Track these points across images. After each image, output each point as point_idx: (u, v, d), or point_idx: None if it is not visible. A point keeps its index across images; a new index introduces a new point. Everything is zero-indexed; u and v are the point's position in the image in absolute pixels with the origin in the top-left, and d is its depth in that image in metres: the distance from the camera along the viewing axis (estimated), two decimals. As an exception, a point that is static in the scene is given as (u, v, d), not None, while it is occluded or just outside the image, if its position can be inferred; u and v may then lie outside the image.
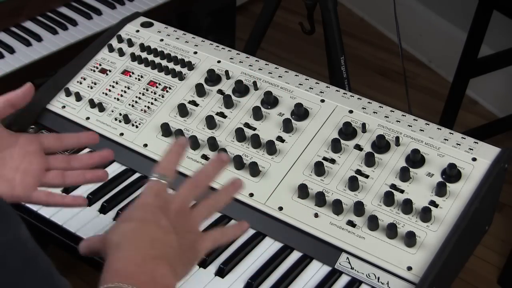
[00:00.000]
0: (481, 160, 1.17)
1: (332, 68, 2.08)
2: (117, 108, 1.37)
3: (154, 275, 0.83)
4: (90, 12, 1.96)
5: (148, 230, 0.88)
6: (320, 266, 1.12)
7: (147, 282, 0.82)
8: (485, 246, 2.32)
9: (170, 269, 0.86)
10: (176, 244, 0.89)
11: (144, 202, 0.92)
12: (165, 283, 0.84)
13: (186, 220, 0.93)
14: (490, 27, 2.31)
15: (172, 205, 0.93)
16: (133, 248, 0.86)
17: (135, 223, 0.89)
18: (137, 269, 0.83)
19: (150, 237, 0.88)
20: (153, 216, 0.90)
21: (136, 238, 0.87)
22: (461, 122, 2.62)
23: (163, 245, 0.88)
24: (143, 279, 0.82)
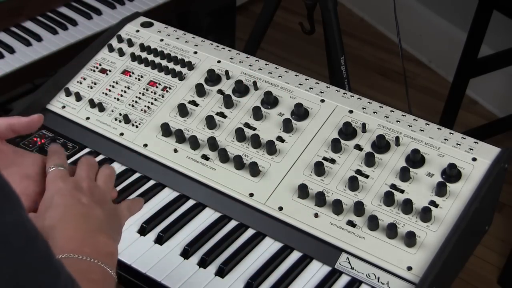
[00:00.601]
0: (481, 160, 1.17)
1: (332, 68, 2.08)
2: (117, 108, 1.37)
3: (96, 245, 0.89)
4: (90, 12, 1.96)
5: (75, 209, 0.93)
6: (320, 266, 1.12)
7: (93, 253, 0.87)
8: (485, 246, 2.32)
9: (108, 237, 0.92)
10: (102, 216, 0.94)
11: (57, 189, 0.96)
12: (108, 251, 0.90)
13: (99, 194, 0.98)
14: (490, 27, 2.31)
15: (82, 184, 0.98)
16: (70, 227, 0.91)
17: (60, 208, 0.93)
18: (80, 244, 0.88)
19: (80, 215, 0.93)
20: (72, 197, 0.95)
21: (68, 219, 0.92)
22: (461, 122, 2.62)
23: (94, 219, 0.93)
24: (88, 251, 0.87)
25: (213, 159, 1.25)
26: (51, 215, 0.92)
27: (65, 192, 0.95)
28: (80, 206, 0.94)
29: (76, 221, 0.92)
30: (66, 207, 0.93)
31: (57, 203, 0.93)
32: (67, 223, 0.91)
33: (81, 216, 0.93)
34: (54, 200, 0.94)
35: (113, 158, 1.31)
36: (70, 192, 0.95)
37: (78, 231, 0.91)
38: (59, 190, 0.96)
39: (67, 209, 0.93)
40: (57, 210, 0.92)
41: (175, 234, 1.17)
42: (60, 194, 0.95)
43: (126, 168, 1.29)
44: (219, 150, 1.25)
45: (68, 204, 0.94)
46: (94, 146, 1.33)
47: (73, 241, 0.89)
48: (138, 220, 1.19)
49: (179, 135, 1.29)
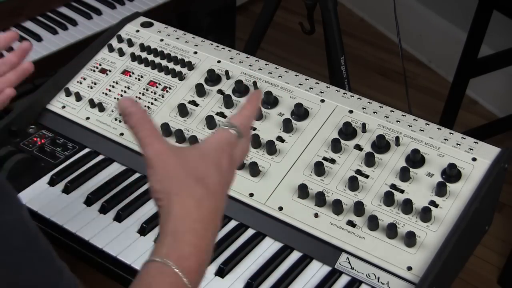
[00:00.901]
0: (481, 160, 1.17)
1: (332, 68, 2.08)
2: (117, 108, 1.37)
3: (202, 272, 0.81)
4: (90, 12, 1.96)
5: (210, 205, 0.82)
6: (320, 266, 1.12)
7: (195, 278, 0.79)
8: (485, 246, 2.32)
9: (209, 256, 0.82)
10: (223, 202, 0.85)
11: (218, 168, 0.84)
12: (204, 273, 0.81)
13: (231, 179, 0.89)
14: (490, 27, 2.31)
15: (237, 160, 0.88)
16: (193, 232, 0.80)
17: (199, 195, 0.81)
18: (192, 250, 0.79)
19: (212, 214, 0.82)
20: (217, 179, 0.83)
21: (197, 220, 0.81)
22: (461, 122, 2.62)
23: (220, 216, 0.84)
24: (193, 276, 0.78)
25: (213, 159, 1.25)
26: (185, 203, 0.80)
27: (210, 166, 0.83)
28: (218, 201, 0.83)
29: (204, 224, 0.81)
30: (204, 199, 0.81)
31: (201, 186, 0.82)
32: (193, 225, 0.80)
33: (212, 216, 0.82)
34: (199, 172, 0.82)
35: (113, 158, 1.31)
36: (216, 168, 0.83)
37: (197, 238, 0.80)
38: (219, 171, 0.83)
39: (202, 203, 0.81)
40: (194, 199, 0.81)
41: (175, 234, 1.17)
42: (205, 165, 0.83)
43: (126, 168, 1.29)
44: (219, 150, 1.24)
45: (208, 196, 0.82)
46: (94, 146, 1.33)
47: (187, 246, 0.79)
48: (138, 220, 1.19)
49: (179, 135, 1.29)
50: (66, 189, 1.25)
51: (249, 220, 1.19)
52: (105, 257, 1.15)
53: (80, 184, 1.26)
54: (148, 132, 0.83)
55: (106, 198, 1.23)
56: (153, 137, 0.83)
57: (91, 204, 1.23)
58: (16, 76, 1.11)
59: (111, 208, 1.22)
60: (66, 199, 1.24)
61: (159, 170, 0.82)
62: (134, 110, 0.82)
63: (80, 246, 1.17)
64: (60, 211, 1.21)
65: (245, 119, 0.90)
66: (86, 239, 1.17)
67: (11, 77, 1.11)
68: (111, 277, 1.16)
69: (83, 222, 1.19)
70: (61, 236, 1.19)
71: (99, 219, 1.20)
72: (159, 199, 0.81)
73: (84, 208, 1.22)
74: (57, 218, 1.20)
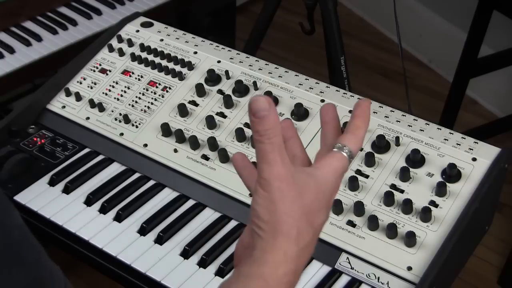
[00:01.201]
0: (481, 160, 1.17)
1: (332, 68, 2.08)
2: (117, 108, 1.37)
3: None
4: (90, 12, 1.96)
5: (309, 254, 0.75)
6: (320, 266, 1.12)
7: None
8: (485, 246, 2.32)
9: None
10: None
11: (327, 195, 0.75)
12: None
13: None
14: (490, 27, 2.31)
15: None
16: (287, 285, 0.72)
17: (306, 242, 0.73)
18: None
19: (305, 263, 0.75)
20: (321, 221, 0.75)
21: (294, 271, 0.73)
22: (461, 122, 2.62)
23: (309, 253, 0.75)
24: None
25: (213, 159, 1.25)
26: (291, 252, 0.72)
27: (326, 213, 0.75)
28: (312, 246, 0.75)
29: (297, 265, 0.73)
30: (307, 248, 0.73)
31: (308, 236, 0.73)
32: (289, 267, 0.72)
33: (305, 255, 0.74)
34: (315, 219, 0.73)
35: (113, 158, 1.31)
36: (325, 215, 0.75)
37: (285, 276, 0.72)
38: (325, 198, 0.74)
39: (305, 252, 0.73)
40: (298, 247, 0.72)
41: (175, 234, 1.17)
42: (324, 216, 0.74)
43: (126, 168, 1.29)
44: (219, 150, 1.25)
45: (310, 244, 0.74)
46: (94, 146, 1.33)
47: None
48: (138, 220, 1.19)
49: (179, 135, 1.29)
50: (66, 189, 1.25)
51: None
52: (105, 257, 1.15)
53: (80, 184, 1.26)
54: (276, 148, 0.71)
55: (106, 198, 1.23)
56: (279, 157, 0.71)
57: (91, 204, 1.23)
58: None
59: (111, 208, 1.22)
60: (66, 199, 1.24)
61: (274, 198, 0.71)
62: (270, 116, 0.70)
63: (80, 246, 1.17)
64: (60, 211, 1.21)
65: (360, 141, 0.79)
66: (86, 239, 1.17)
67: None
68: (111, 277, 1.16)
69: (83, 222, 1.19)
70: (61, 236, 1.19)
71: (99, 219, 1.20)
72: (260, 229, 0.72)
73: (84, 208, 1.22)
74: (57, 218, 1.20)
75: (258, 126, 0.70)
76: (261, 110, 0.69)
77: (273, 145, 0.70)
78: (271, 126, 0.70)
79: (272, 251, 0.71)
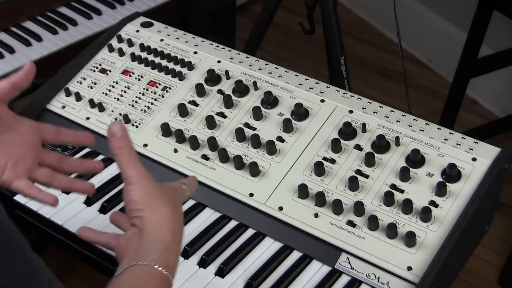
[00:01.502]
0: (481, 160, 1.17)
1: (332, 68, 2.08)
2: (117, 108, 1.37)
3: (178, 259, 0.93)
4: (90, 12, 1.96)
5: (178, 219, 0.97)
6: (320, 266, 1.12)
7: (175, 269, 0.91)
8: (485, 246, 2.32)
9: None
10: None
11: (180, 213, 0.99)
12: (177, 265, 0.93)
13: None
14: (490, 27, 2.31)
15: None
16: (176, 241, 0.94)
17: (168, 212, 0.95)
18: (176, 254, 0.93)
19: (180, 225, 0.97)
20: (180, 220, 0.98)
21: (171, 230, 0.94)
22: (461, 122, 2.62)
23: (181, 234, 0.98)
24: (175, 266, 0.91)
25: (213, 159, 1.25)
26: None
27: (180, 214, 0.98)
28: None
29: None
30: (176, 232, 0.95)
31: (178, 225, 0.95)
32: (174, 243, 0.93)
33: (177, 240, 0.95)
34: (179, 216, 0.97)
35: (113, 158, 1.31)
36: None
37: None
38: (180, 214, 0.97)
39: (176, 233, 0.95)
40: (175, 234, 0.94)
41: (175, 234, 1.17)
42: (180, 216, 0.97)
43: (126, 168, 1.29)
44: (219, 150, 1.25)
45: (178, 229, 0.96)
46: (94, 146, 1.33)
47: (174, 261, 0.91)
48: (138, 220, 1.19)
49: (179, 135, 1.29)
50: (66, 189, 1.25)
51: (249, 220, 1.19)
52: (105, 257, 1.15)
53: (80, 184, 1.26)
54: (133, 155, 0.95)
55: (106, 198, 1.23)
56: (136, 160, 0.95)
57: (91, 204, 1.23)
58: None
59: (111, 208, 1.22)
60: (66, 199, 1.24)
61: (141, 184, 0.94)
62: (124, 135, 0.94)
63: (80, 246, 1.17)
64: (60, 211, 1.21)
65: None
66: (86, 239, 1.17)
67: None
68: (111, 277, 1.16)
69: (83, 222, 1.19)
70: (61, 236, 1.19)
71: (99, 219, 1.20)
72: (141, 211, 0.92)
73: (84, 208, 1.22)
74: (57, 218, 1.20)
75: (117, 143, 0.94)
76: (118, 132, 0.93)
77: (130, 153, 0.94)
78: (126, 142, 0.94)
79: (156, 217, 0.92)
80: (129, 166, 0.94)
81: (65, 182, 1.08)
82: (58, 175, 1.08)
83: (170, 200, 0.95)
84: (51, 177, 1.07)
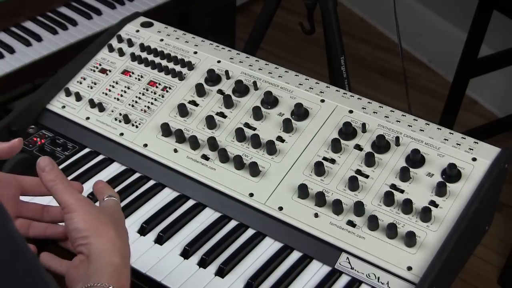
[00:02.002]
0: (481, 160, 1.17)
1: (332, 68, 2.08)
2: (117, 108, 1.37)
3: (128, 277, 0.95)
4: (90, 12, 1.96)
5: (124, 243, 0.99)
6: (320, 266, 1.12)
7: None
8: (485, 246, 2.32)
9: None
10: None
11: (122, 223, 1.02)
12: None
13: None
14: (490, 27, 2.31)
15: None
16: (125, 263, 0.96)
17: (113, 236, 0.96)
18: (127, 278, 0.94)
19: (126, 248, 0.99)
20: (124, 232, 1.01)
21: (120, 254, 0.95)
22: (461, 122, 2.62)
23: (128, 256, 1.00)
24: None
25: (213, 159, 1.25)
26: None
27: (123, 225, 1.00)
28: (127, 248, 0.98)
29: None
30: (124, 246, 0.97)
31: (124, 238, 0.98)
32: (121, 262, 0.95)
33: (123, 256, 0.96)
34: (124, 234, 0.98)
35: (113, 158, 1.31)
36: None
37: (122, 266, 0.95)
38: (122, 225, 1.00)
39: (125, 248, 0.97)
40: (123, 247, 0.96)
41: (175, 234, 1.17)
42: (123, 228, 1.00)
43: (126, 168, 1.29)
44: (219, 150, 1.25)
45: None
46: (94, 146, 1.33)
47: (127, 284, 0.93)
48: (138, 220, 1.19)
49: (179, 135, 1.29)
50: (66, 189, 1.25)
51: (249, 220, 1.19)
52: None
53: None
54: (66, 184, 0.97)
55: None
56: (69, 189, 0.97)
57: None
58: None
59: None
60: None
61: (82, 211, 0.95)
62: (54, 168, 0.98)
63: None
64: (60, 211, 1.21)
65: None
66: (86, 239, 1.16)
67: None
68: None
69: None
70: (61, 236, 1.19)
71: None
72: (86, 238, 0.93)
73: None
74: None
75: (49, 176, 0.96)
76: (47, 166, 0.96)
77: (64, 183, 0.97)
78: (57, 173, 0.97)
79: (103, 242, 0.92)
80: (66, 194, 0.96)
81: (39, 229, 1.08)
82: (34, 223, 1.07)
83: (112, 222, 0.96)
84: (27, 227, 1.06)
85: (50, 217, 1.08)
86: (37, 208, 1.08)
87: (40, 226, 1.07)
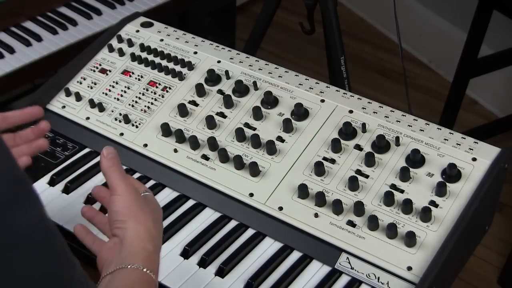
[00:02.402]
0: (481, 160, 1.17)
1: (332, 68, 2.08)
2: (117, 108, 1.37)
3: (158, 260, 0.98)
4: (90, 12, 1.96)
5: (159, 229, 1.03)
6: (320, 266, 1.12)
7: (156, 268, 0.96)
8: (485, 246, 2.32)
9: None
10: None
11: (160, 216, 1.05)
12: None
13: None
14: (490, 27, 2.31)
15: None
16: (157, 249, 0.99)
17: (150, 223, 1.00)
18: (157, 263, 0.97)
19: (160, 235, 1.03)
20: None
21: (152, 241, 0.99)
22: (461, 122, 2.62)
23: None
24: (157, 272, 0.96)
25: (213, 159, 1.25)
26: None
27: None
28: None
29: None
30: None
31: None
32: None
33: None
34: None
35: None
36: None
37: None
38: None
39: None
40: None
41: (175, 234, 1.17)
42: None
43: (126, 168, 1.29)
44: (219, 150, 1.25)
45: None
46: (94, 146, 1.33)
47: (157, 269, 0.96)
48: (138, 220, 1.19)
49: (179, 135, 1.29)
50: (66, 189, 1.25)
51: (249, 220, 1.19)
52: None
53: (80, 184, 1.26)
54: (119, 170, 1.01)
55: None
56: (123, 174, 1.01)
57: (91, 204, 1.23)
58: (30, 151, 1.16)
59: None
60: (66, 199, 1.24)
61: (126, 196, 0.98)
62: (115, 156, 1.02)
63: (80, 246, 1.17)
64: (60, 211, 1.21)
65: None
66: (86, 239, 1.17)
67: (24, 149, 1.16)
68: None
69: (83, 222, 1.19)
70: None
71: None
72: (124, 222, 0.96)
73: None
74: (57, 218, 1.20)
75: (109, 162, 1.01)
76: (109, 154, 1.02)
77: (119, 170, 1.01)
78: (115, 161, 1.02)
79: (139, 228, 0.96)
80: (117, 179, 1.00)
81: (20, 151, 1.13)
82: (13, 150, 1.11)
83: (152, 214, 1.00)
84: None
85: (24, 139, 1.15)
86: (9, 137, 1.13)
87: (19, 150, 1.13)
